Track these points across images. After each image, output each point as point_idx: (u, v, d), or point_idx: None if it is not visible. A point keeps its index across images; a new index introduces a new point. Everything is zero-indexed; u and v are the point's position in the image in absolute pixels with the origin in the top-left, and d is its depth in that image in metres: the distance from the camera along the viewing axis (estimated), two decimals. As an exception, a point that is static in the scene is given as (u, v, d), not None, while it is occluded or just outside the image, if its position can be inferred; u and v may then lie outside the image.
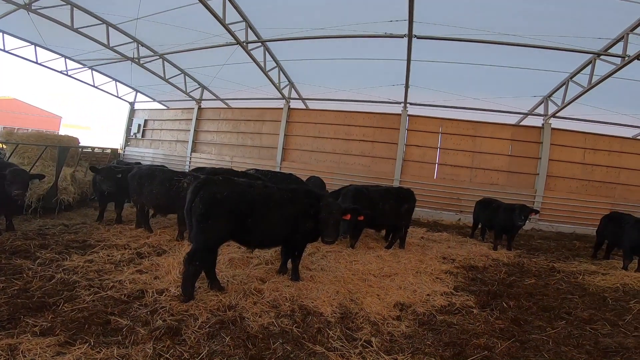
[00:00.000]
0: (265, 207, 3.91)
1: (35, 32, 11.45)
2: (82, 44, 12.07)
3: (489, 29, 8.24)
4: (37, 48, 13.67)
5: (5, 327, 2.79)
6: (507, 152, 11.51)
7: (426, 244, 7.48)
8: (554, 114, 11.08)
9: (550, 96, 10.99)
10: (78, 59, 14.38)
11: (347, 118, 13.06)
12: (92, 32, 11.10)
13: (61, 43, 12.66)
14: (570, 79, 9.89)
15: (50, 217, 6.63)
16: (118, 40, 11.77)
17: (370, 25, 8.85)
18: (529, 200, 10.68)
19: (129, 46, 12.18)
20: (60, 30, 11.01)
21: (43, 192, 6.63)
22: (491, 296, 4.54)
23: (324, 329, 3.26)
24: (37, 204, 6.51)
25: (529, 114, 11.75)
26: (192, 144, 15.91)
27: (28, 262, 4.11)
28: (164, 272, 4.15)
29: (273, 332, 3.13)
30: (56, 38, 12.11)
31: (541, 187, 11.05)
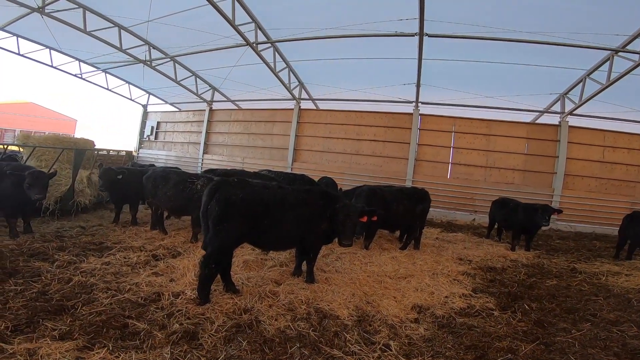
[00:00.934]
0: (281, 208, 3.87)
1: (50, 35, 11.64)
2: (95, 47, 12.28)
3: (503, 27, 8.12)
4: (51, 51, 13.89)
5: (23, 331, 2.79)
6: (523, 151, 11.28)
7: (441, 244, 7.36)
8: (571, 112, 10.81)
9: (567, 93, 10.73)
10: (92, 62, 14.63)
11: (358, 118, 12.99)
12: (105, 35, 11.29)
13: (75, 46, 12.90)
14: (587, 76, 9.66)
15: (68, 219, 6.70)
16: (130, 43, 11.94)
17: (380, 24, 8.78)
18: (547, 200, 10.45)
19: (140, 49, 12.36)
20: (74, 34, 11.21)
21: (60, 194, 6.72)
22: (512, 298, 4.44)
23: (341, 333, 3.21)
24: (55, 206, 6.59)
25: (545, 111, 11.50)
26: (203, 146, 16.04)
27: (46, 265, 4.15)
28: (180, 275, 4.15)
29: (290, 336, 3.08)
30: (70, 41, 12.33)
31: (559, 186, 10.79)
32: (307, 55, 11.45)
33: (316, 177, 9.65)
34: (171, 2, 9.34)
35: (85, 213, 7.30)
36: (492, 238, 8.39)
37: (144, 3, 9.32)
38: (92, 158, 8.36)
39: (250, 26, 9.84)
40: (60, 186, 6.77)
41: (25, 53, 13.58)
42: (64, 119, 39.99)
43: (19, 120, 35.03)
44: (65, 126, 38.21)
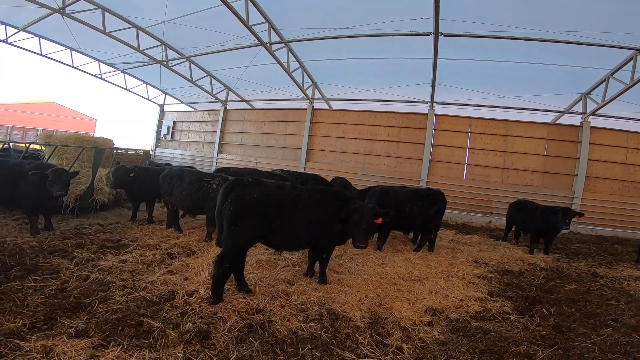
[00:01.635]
0: (294, 208, 3.87)
1: (70, 36, 11.95)
2: (114, 47, 12.55)
3: (521, 26, 7.94)
4: (72, 52, 14.27)
5: (41, 328, 2.85)
6: (542, 152, 10.95)
7: (456, 246, 7.24)
8: (593, 112, 10.45)
9: (589, 94, 10.38)
10: (111, 63, 14.98)
11: (372, 118, 12.89)
12: (123, 35, 11.53)
13: (95, 47, 13.25)
14: (610, 75, 9.33)
15: (87, 216, 6.86)
16: (147, 44, 12.18)
17: (394, 24, 8.71)
18: (567, 202, 10.13)
19: (157, 49, 12.58)
20: (93, 35, 11.49)
21: (80, 192, 6.88)
22: (530, 302, 4.35)
23: (353, 335, 3.19)
24: (75, 204, 6.75)
25: (566, 112, 11.16)
26: (218, 145, 16.22)
27: (65, 262, 4.24)
28: (194, 274, 4.19)
29: (301, 337, 3.07)
30: (90, 42, 12.66)
31: (580, 188, 10.45)
32: (320, 55, 11.44)
33: (329, 177, 9.63)
34: (187, 3, 9.48)
35: (103, 211, 7.44)
36: (509, 241, 8.21)
37: (160, 4, 9.48)
38: (111, 157, 8.54)
39: (264, 26, 9.89)
40: (80, 184, 6.93)
41: (48, 53, 13.98)
42: (85, 118, 41.09)
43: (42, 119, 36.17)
44: (86, 125, 39.25)
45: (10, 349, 2.51)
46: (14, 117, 35.05)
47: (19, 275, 3.72)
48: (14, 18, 11.81)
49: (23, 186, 5.24)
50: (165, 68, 13.67)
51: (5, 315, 2.92)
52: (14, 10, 10.84)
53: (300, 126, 14.12)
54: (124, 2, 10.21)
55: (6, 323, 2.80)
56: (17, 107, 36.35)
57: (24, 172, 5.25)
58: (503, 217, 8.81)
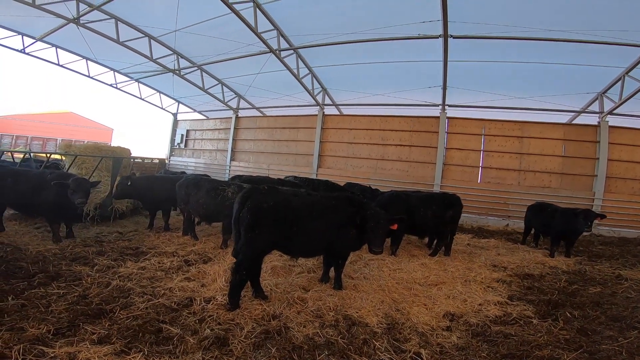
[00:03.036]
0: (310, 215, 3.88)
1: (86, 46, 12.32)
2: (128, 57, 12.90)
3: (533, 26, 7.87)
4: (88, 62, 14.69)
5: (65, 334, 2.89)
6: (559, 153, 10.72)
7: (473, 250, 7.12)
8: (610, 111, 10.21)
9: (605, 92, 10.17)
10: (125, 72, 15.37)
11: (383, 122, 12.87)
12: (136, 45, 11.86)
13: (109, 57, 13.61)
14: (626, 74, 9.16)
15: (106, 225, 7.00)
16: (160, 53, 12.48)
17: (402, 28, 8.77)
18: (587, 204, 9.87)
19: (169, 58, 12.88)
20: (108, 44, 11.85)
21: (100, 201, 7.05)
22: (552, 306, 4.24)
23: (370, 340, 3.16)
24: (95, 212, 6.91)
25: (582, 111, 10.92)
26: (230, 153, 16.41)
27: (87, 269, 4.34)
28: (210, 280, 4.23)
29: (318, 343, 3.06)
30: (105, 52, 13.02)
31: (600, 189, 10.17)
32: (329, 61, 11.53)
33: (341, 183, 9.63)
34: (196, 11, 9.70)
35: (122, 219, 7.59)
36: (528, 244, 8.04)
37: (171, 13, 9.71)
38: (128, 166, 8.73)
39: (273, 33, 10.05)
40: (99, 193, 7.10)
41: (65, 63, 14.43)
42: (102, 128, 42.10)
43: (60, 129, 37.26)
44: (103, 135, 40.23)
45: (35, 355, 2.55)
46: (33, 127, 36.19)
47: (42, 282, 3.82)
48: (30, 28, 12.20)
49: (45, 195, 5.38)
50: (177, 77, 13.98)
51: (30, 322, 2.97)
52: (30, 21, 11.19)
53: (311, 132, 14.18)
54: (136, 12, 10.51)
55: (30, 329, 2.85)
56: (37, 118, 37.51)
57: (46, 181, 5.40)
58: (520, 220, 8.65)
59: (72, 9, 9.97)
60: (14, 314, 3.10)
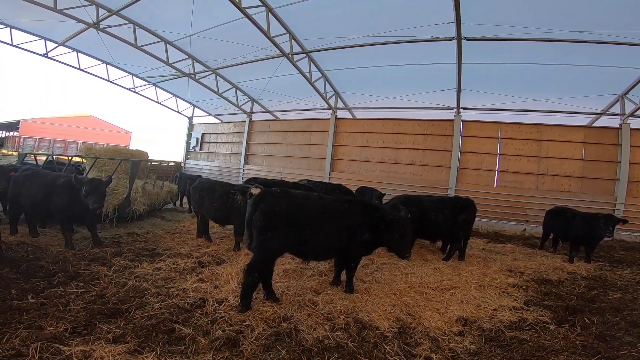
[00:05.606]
0: (323, 219, 3.89)
1: (105, 50, 12.72)
2: (146, 61, 13.23)
3: (549, 27, 7.72)
4: (107, 66, 15.13)
5: (81, 333, 2.95)
6: (579, 156, 10.43)
7: (488, 255, 6.97)
8: (632, 113, 9.88)
9: (627, 94, 9.84)
10: (143, 76, 15.76)
11: (396, 126, 12.80)
12: (153, 49, 12.15)
13: (128, 61, 13.98)
14: (646, 75, 8.82)
15: (124, 226, 7.16)
16: (176, 57, 12.74)
17: (414, 30, 8.72)
18: (608, 208, 9.56)
19: (185, 62, 13.14)
20: (126, 49, 12.18)
21: (118, 202, 7.18)
22: (570, 311, 4.14)
23: (381, 344, 3.14)
24: (113, 214, 7.04)
25: (603, 113, 10.57)
26: (244, 156, 16.59)
27: (105, 269, 4.45)
28: (223, 282, 4.27)
29: (328, 346, 3.05)
30: (123, 56, 13.39)
31: (622, 193, 9.82)
32: (341, 64, 11.55)
33: (354, 187, 9.61)
34: (210, 16, 9.88)
35: (139, 220, 7.75)
36: (546, 249, 7.84)
37: (186, 17, 9.94)
38: (145, 169, 8.91)
39: (285, 37, 10.14)
40: (118, 195, 7.25)
41: (85, 68, 14.92)
42: (120, 131, 43.29)
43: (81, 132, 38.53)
44: (122, 138, 41.35)
45: (52, 353, 2.61)
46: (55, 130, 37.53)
47: (62, 281, 3.93)
48: (53, 33, 12.67)
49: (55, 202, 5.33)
50: (193, 81, 14.25)
51: (48, 320, 3.04)
52: (52, 25, 11.60)
53: (324, 136, 14.22)
54: (152, 17, 10.77)
55: (49, 328, 2.92)
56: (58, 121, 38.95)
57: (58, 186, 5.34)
58: (538, 224, 8.47)
59: (91, 14, 10.33)
60: (33, 312, 3.18)
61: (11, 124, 37.77)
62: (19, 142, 35.75)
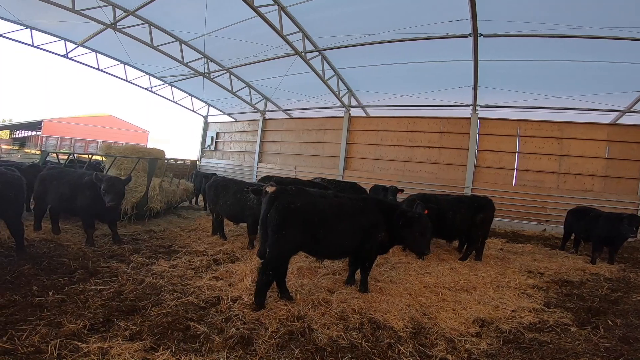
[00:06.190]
0: (338, 217, 3.87)
1: (123, 51, 12.97)
2: (162, 61, 13.42)
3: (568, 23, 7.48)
4: (125, 66, 15.41)
5: (99, 329, 2.98)
6: (602, 155, 10.05)
7: (507, 256, 6.83)
8: (657, 110, 9.46)
9: (650, 91, 9.41)
10: (159, 76, 16.00)
11: (411, 124, 12.64)
12: (168, 49, 12.32)
13: (144, 61, 14.21)
14: (671, 70, 8.41)
15: (142, 223, 7.29)
16: (190, 57, 12.89)
17: (429, 27, 8.59)
18: (633, 208, 9.19)
19: (199, 62, 13.28)
20: (143, 49, 12.39)
21: (136, 200, 7.31)
22: (592, 313, 4.04)
23: (395, 345, 3.11)
24: (132, 212, 7.17)
25: (627, 111, 10.14)
26: (258, 155, 16.69)
27: (123, 266, 4.54)
28: (237, 280, 4.30)
29: (342, 346, 3.04)
30: (140, 56, 13.61)
31: (647, 193, 9.44)
32: (355, 62, 11.46)
33: (368, 186, 9.54)
34: (224, 15, 9.93)
35: (156, 218, 7.89)
36: (567, 250, 7.63)
37: (200, 17, 10.01)
38: (162, 167, 9.06)
39: (298, 36, 10.13)
40: (136, 193, 7.38)
41: (104, 68, 15.26)
42: (138, 130, 44.23)
43: (100, 131, 39.57)
44: (139, 137, 42.22)
45: (70, 350, 2.63)
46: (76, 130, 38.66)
47: (81, 277, 4.02)
48: (72, 34, 12.95)
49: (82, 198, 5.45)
50: (207, 80, 14.40)
51: (68, 317, 3.08)
52: (71, 26, 11.85)
53: (337, 134, 14.17)
54: (167, 17, 10.92)
55: (67, 324, 2.96)
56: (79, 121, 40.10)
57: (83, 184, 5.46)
58: (559, 224, 8.23)
59: (109, 15, 10.54)
60: (53, 308, 3.24)
61: (34, 123, 39.07)
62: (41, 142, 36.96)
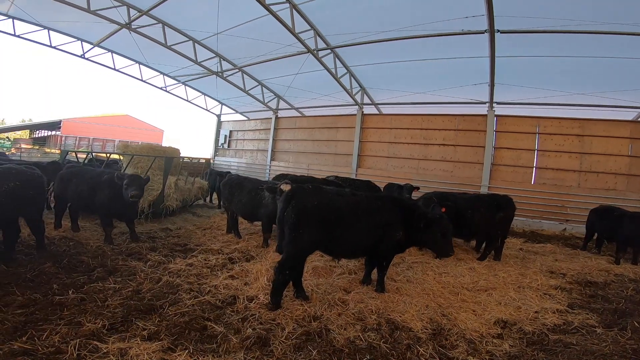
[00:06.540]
0: (355, 216, 3.81)
1: (138, 51, 13.18)
2: (175, 60, 13.60)
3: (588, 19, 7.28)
4: (140, 66, 15.69)
5: (118, 329, 2.97)
6: (626, 153, 9.67)
7: (526, 256, 6.68)
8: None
9: (675, 87, 9.02)
10: (173, 76, 16.23)
11: (425, 122, 12.46)
12: (182, 48, 12.45)
13: (159, 61, 14.43)
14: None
15: (158, 221, 7.36)
16: (203, 56, 13.01)
17: (443, 24, 8.45)
18: (659, 208, 8.84)
19: (212, 61, 13.41)
20: (157, 49, 12.57)
21: (153, 198, 7.38)
22: (619, 315, 3.94)
23: (414, 346, 3.06)
24: (148, 210, 7.25)
25: (650, 107, 9.78)
26: (271, 153, 16.73)
27: (140, 264, 4.58)
28: (253, 279, 4.28)
29: (360, 347, 2.99)
30: (154, 56, 13.83)
31: (673, 191, 9.07)
32: (367, 60, 11.37)
33: (382, 184, 9.44)
34: (235, 13, 9.97)
35: (172, 216, 7.96)
36: (589, 250, 7.41)
37: (212, 16, 10.08)
38: (178, 165, 9.14)
39: (310, 33, 10.09)
40: (152, 191, 7.45)
41: (120, 68, 15.56)
42: (153, 129, 45.02)
43: (117, 131, 40.42)
44: (155, 136, 43.00)
45: (90, 351, 2.62)
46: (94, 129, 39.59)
47: (100, 276, 4.05)
48: (88, 34, 13.26)
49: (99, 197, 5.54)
50: (220, 79, 14.51)
51: (87, 316, 3.08)
52: (87, 27, 12.12)
53: (350, 132, 14.09)
54: (179, 16, 11.03)
55: (87, 324, 2.95)
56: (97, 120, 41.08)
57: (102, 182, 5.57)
58: (580, 224, 7.99)
59: (123, 15, 10.72)
60: (73, 307, 3.25)
61: (53, 123, 40.16)
62: (60, 141, 37.96)
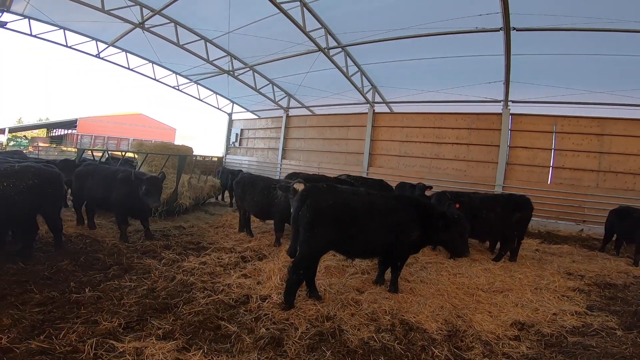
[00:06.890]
0: (370, 215, 3.77)
1: (151, 50, 13.35)
2: (187, 59, 13.75)
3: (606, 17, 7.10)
4: (154, 65, 15.90)
5: (134, 328, 2.96)
6: (646, 152, 9.40)
7: (543, 257, 6.55)
8: None
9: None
10: (185, 75, 16.41)
11: (437, 120, 12.32)
12: (194, 47, 12.59)
13: (171, 60, 14.60)
14: None
15: (171, 219, 7.43)
16: (215, 55, 13.12)
17: (456, 22, 8.35)
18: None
19: (224, 60, 13.51)
20: (170, 48, 12.73)
21: (167, 196, 7.40)
22: (638, 317, 3.85)
23: (429, 347, 3.02)
24: (162, 208, 7.27)
25: (673, 106, 9.45)
26: (282, 151, 16.76)
27: (155, 262, 4.61)
28: (266, 278, 4.28)
29: (374, 348, 2.96)
30: (167, 55, 13.99)
31: (695, 192, 8.76)
32: (379, 58, 11.30)
33: (394, 183, 9.36)
34: (246, 12, 10.01)
35: (185, 214, 8.03)
36: (607, 252, 7.24)
37: (223, 15, 10.14)
38: (191, 164, 9.22)
39: (321, 32, 10.07)
40: (166, 189, 7.47)
41: (134, 67, 15.81)
42: (166, 128, 45.62)
43: (131, 129, 41.10)
44: (167, 135, 43.52)
45: (106, 350, 2.60)
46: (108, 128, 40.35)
47: (116, 274, 4.09)
48: (103, 34, 13.48)
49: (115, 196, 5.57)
50: (232, 78, 14.60)
51: (103, 315, 3.08)
52: (102, 27, 12.33)
53: (361, 130, 14.02)
54: (191, 15, 11.13)
55: (104, 322, 2.94)
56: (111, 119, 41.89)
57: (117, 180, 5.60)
58: (598, 225, 7.81)
59: (137, 14, 10.87)
60: (89, 306, 3.26)
61: (69, 122, 41.06)
62: (77, 139, 38.78)
